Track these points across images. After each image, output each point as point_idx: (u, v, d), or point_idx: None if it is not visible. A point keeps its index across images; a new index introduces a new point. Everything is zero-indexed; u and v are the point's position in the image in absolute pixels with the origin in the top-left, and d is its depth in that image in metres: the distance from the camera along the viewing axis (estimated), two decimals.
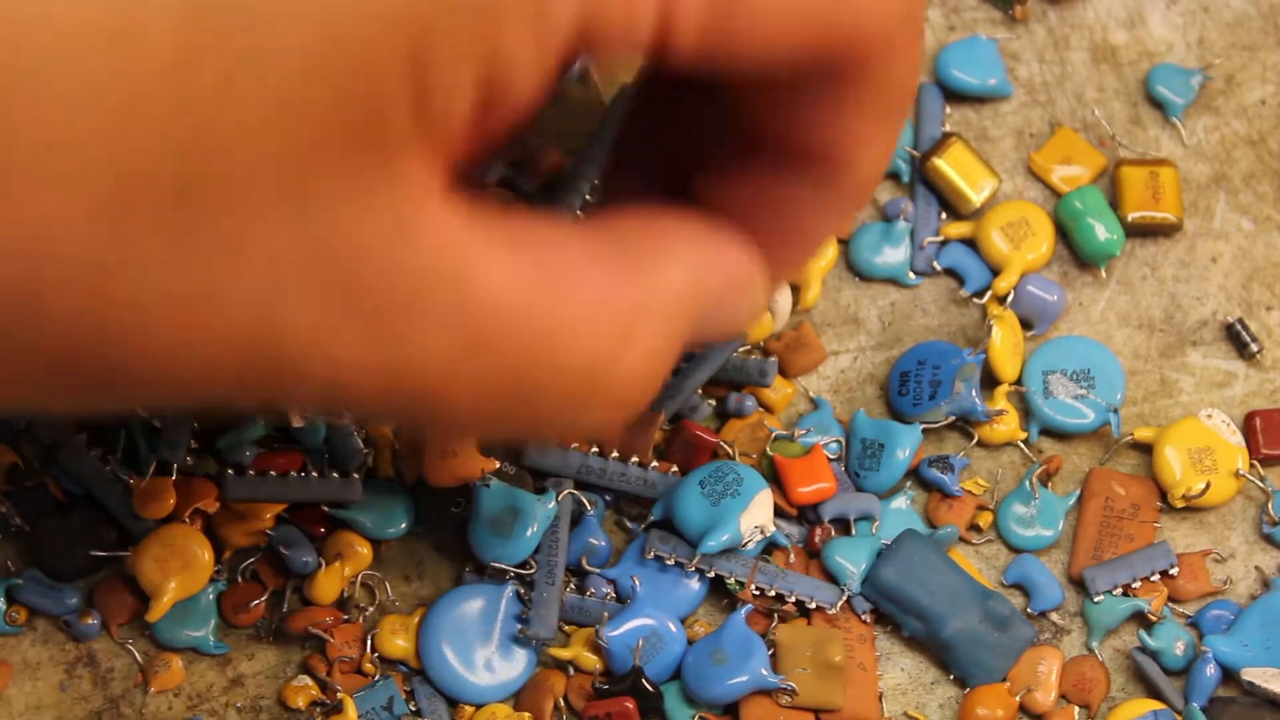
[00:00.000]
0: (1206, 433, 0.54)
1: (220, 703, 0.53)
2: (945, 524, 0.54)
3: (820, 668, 0.51)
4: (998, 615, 0.51)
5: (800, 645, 0.51)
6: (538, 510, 0.52)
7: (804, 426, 0.55)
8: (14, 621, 0.53)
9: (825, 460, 0.53)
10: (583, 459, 0.53)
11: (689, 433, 0.54)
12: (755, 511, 0.52)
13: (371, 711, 0.51)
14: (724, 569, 0.52)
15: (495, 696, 0.52)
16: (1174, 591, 0.54)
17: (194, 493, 0.53)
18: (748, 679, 0.51)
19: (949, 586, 0.52)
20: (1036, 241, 0.56)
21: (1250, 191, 0.58)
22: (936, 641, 0.52)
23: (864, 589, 0.52)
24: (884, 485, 0.54)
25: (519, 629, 0.52)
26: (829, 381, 0.56)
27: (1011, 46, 0.59)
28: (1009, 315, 0.55)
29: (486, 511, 0.52)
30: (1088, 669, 0.53)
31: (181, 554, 0.52)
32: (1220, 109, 0.59)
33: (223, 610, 0.53)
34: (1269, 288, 0.57)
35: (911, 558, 0.52)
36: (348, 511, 0.53)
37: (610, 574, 0.53)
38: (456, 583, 0.54)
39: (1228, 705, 0.52)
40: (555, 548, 0.52)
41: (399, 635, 0.52)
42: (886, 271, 0.57)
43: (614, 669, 0.51)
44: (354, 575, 0.53)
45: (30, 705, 0.53)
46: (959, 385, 0.54)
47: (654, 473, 0.53)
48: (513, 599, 0.52)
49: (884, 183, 0.58)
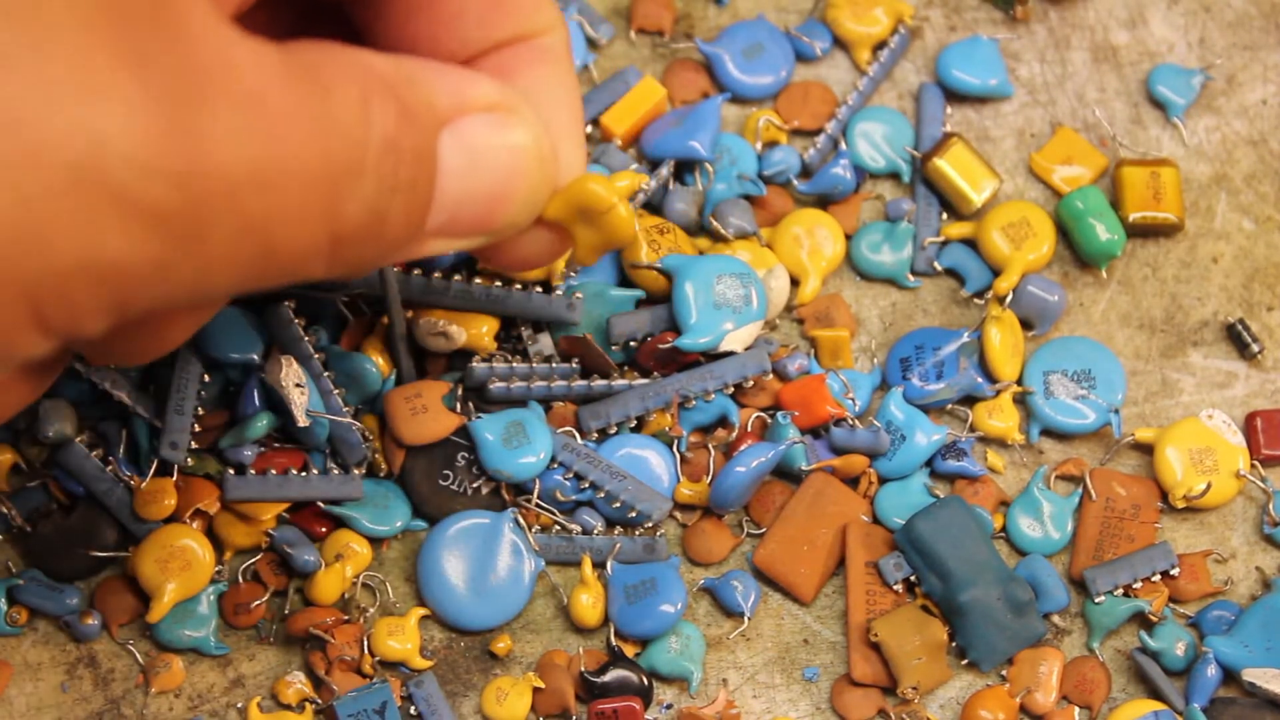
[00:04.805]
0: (1207, 433, 0.54)
1: (221, 703, 0.53)
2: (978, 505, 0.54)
3: (931, 651, 0.52)
4: (1016, 599, 0.52)
5: (907, 636, 0.52)
6: (537, 411, 0.53)
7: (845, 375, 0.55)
8: (15, 622, 0.53)
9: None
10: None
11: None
12: (742, 333, 0.53)
13: (361, 713, 0.51)
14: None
15: (495, 621, 0.53)
16: (1175, 592, 0.54)
17: (194, 493, 0.53)
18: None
19: (977, 556, 0.52)
20: (1037, 242, 0.56)
21: (1251, 191, 0.58)
22: (951, 605, 0.52)
23: (897, 536, 0.53)
24: (897, 471, 0.54)
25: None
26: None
27: (1012, 47, 0.59)
28: (1009, 316, 0.55)
29: (493, 436, 0.53)
30: (1088, 670, 0.53)
31: (182, 555, 0.52)
32: (1221, 109, 0.59)
33: (223, 611, 0.53)
34: (1270, 288, 0.57)
35: (951, 518, 0.52)
36: (346, 509, 0.53)
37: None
38: None
39: (1228, 706, 0.52)
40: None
41: (394, 637, 0.52)
42: (887, 271, 0.57)
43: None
44: (355, 576, 0.53)
45: (31, 706, 0.53)
46: (964, 362, 0.55)
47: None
48: (514, 524, 0.53)
49: (886, 182, 0.58)
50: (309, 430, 0.53)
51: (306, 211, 0.35)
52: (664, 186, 0.56)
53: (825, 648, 0.53)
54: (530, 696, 0.52)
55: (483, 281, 0.54)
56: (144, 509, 0.53)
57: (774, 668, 0.53)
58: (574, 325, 0.55)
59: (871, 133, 0.58)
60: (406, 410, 0.53)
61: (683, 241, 0.55)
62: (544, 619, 0.54)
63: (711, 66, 0.59)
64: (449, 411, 0.53)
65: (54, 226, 0.32)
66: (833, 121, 0.58)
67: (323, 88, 0.36)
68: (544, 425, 0.53)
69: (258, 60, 0.35)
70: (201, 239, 0.34)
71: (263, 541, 0.54)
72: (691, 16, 0.60)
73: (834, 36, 0.59)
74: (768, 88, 0.59)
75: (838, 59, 0.60)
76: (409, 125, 0.37)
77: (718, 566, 0.54)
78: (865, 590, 0.53)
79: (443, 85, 0.39)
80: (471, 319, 0.54)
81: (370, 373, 0.54)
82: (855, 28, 0.59)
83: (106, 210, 0.33)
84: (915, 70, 0.59)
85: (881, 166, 0.58)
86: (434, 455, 0.54)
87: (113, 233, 0.33)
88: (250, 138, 0.34)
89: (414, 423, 0.53)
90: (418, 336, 0.54)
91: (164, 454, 0.53)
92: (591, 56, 0.59)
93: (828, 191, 0.57)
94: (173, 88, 0.33)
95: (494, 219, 0.40)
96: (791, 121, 0.59)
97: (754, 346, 0.54)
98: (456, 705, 0.53)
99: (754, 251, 0.56)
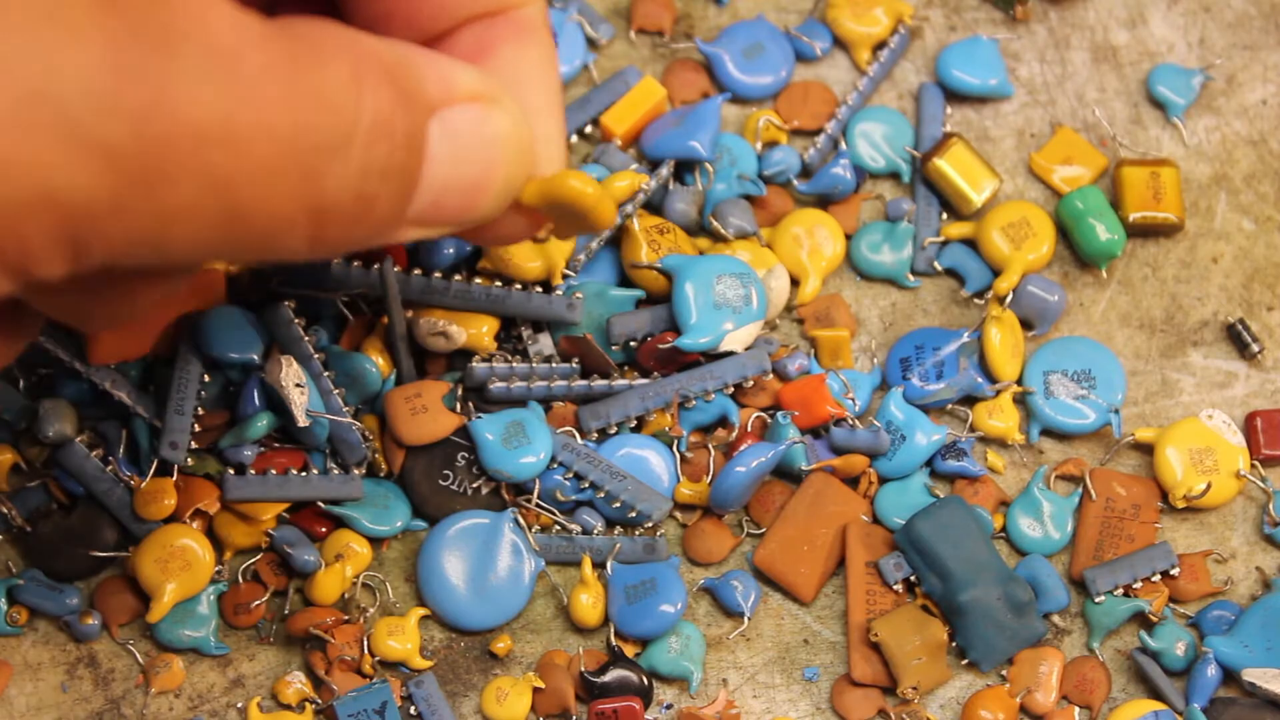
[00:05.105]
0: (1207, 433, 0.54)
1: (221, 703, 0.53)
2: (979, 506, 0.54)
3: (931, 651, 0.52)
4: (1016, 599, 0.52)
5: (907, 636, 0.52)
6: (537, 411, 0.53)
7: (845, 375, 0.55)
8: (15, 622, 0.53)
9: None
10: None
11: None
12: (743, 334, 0.53)
13: (361, 713, 0.51)
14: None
15: (495, 621, 0.53)
16: (1175, 592, 0.54)
17: (194, 493, 0.53)
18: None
19: (977, 556, 0.52)
20: (1037, 242, 0.56)
21: (1251, 191, 0.58)
22: (951, 605, 0.52)
23: (897, 536, 0.53)
24: (897, 471, 0.54)
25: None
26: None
27: (1012, 47, 0.59)
28: (1009, 316, 0.55)
29: (493, 436, 0.53)
30: (1088, 670, 0.53)
31: (182, 555, 0.52)
32: (1221, 109, 0.59)
33: (223, 611, 0.53)
34: (1270, 288, 0.57)
35: (951, 518, 0.52)
36: (346, 509, 0.53)
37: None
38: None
39: (1229, 706, 0.52)
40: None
41: (394, 637, 0.52)
42: (887, 271, 0.57)
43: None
44: (355, 576, 0.53)
45: (31, 706, 0.53)
46: (964, 362, 0.55)
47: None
48: (514, 524, 0.53)
49: (886, 182, 0.58)
50: (309, 430, 0.53)
51: (281, 179, 0.35)
52: (664, 186, 0.56)
53: (825, 648, 0.53)
54: (530, 696, 0.52)
55: (483, 281, 0.54)
56: (144, 509, 0.53)
57: (774, 668, 0.53)
58: (574, 325, 0.55)
59: (871, 133, 0.58)
60: (406, 410, 0.53)
61: (683, 241, 0.55)
62: (544, 619, 0.54)
63: (711, 66, 0.59)
64: (449, 411, 0.53)
65: (5, 153, 0.32)
66: (833, 121, 0.58)
67: (313, 60, 0.36)
68: (544, 425, 0.53)
69: (236, 22, 0.35)
70: (160, 186, 0.34)
71: (263, 541, 0.54)
72: (691, 16, 0.60)
73: (834, 36, 0.59)
74: (768, 88, 0.59)
75: (838, 59, 0.60)
76: (403, 109, 0.37)
77: (718, 566, 0.54)
78: (865, 590, 0.53)
79: (433, 72, 0.39)
80: (471, 319, 0.54)
81: (370, 373, 0.54)
82: (855, 28, 0.59)
83: (60, 141, 0.33)
84: (915, 70, 0.60)
85: (881, 166, 0.58)
86: (434, 455, 0.54)
87: (66, 166, 0.33)
88: (220, 93, 0.34)
89: (414, 423, 0.53)
90: (418, 336, 0.54)
91: (164, 454, 0.53)
92: (591, 56, 0.59)
93: (828, 191, 0.57)
94: (141, 32, 0.33)
95: (472, 209, 0.40)
96: (791, 121, 0.59)
97: (754, 346, 0.54)
98: (456, 705, 0.53)
99: (754, 251, 0.56)
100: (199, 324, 0.53)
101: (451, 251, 0.55)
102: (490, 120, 0.40)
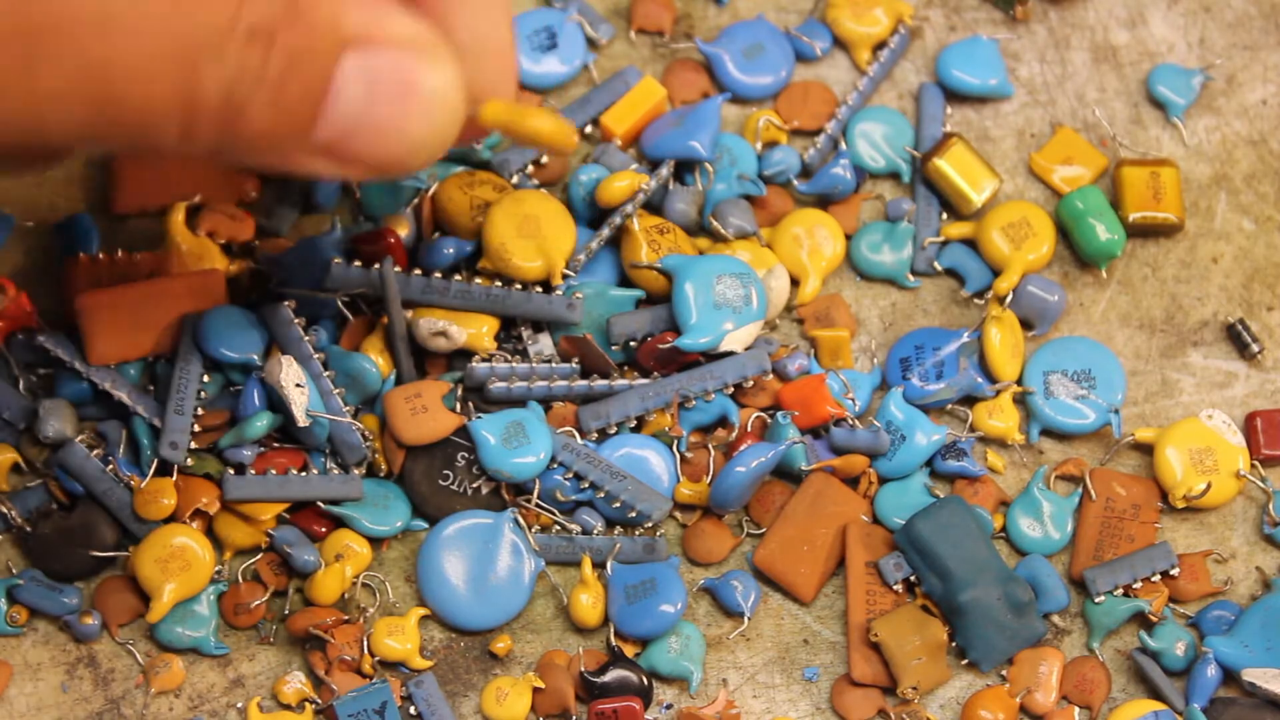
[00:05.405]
0: (1207, 433, 0.54)
1: (221, 703, 0.53)
2: (979, 506, 0.54)
3: (931, 651, 0.52)
4: (1016, 599, 0.52)
5: (907, 636, 0.52)
6: (537, 411, 0.53)
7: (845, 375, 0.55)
8: (15, 622, 0.53)
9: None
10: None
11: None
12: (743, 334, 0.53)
13: (361, 713, 0.51)
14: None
15: (495, 621, 0.53)
16: (1175, 592, 0.54)
17: (194, 493, 0.53)
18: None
19: (977, 556, 0.52)
20: (1037, 242, 0.56)
21: (1251, 191, 0.58)
22: (951, 605, 0.52)
23: (897, 536, 0.53)
24: (897, 471, 0.54)
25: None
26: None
27: (1012, 47, 0.59)
28: (1009, 316, 0.55)
29: (493, 436, 0.53)
30: (1089, 670, 0.53)
31: (182, 555, 0.52)
32: (1221, 109, 0.59)
33: (223, 611, 0.53)
34: (1270, 288, 0.57)
35: (951, 518, 0.52)
36: (346, 509, 0.53)
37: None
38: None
39: (1229, 706, 0.52)
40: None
41: (394, 637, 0.52)
42: (887, 271, 0.57)
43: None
44: (355, 576, 0.53)
45: (31, 706, 0.53)
46: (964, 362, 0.55)
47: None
48: (514, 524, 0.53)
49: (886, 182, 0.58)
50: (309, 430, 0.53)
51: (155, 71, 0.36)
52: (664, 186, 0.56)
53: (825, 648, 0.53)
54: (530, 696, 0.52)
55: (483, 281, 0.54)
56: (144, 509, 0.53)
57: (774, 668, 0.53)
58: (574, 325, 0.55)
59: (871, 133, 0.58)
60: (406, 410, 0.53)
61: (683, 241, 0.55)
62: (544, 619, 0.54)
63: (711, 66, 0.59)
64: (449, 411, 0.54)
65: None
66: (833, 121, 0.58)
67: None
68: (544, 425, 0.53)
69: None
70: (37, 68, 0.35)
71: (263, 541, 0.54)
72: (691, 16, 0.60)
73: (834, 36, 0.59)
74: (768, 88, 0.59)
75: (838, 59, 0.60)
76: (292, 25, 0.38)
77: (718, 566, 0.54)
78: (865, 590, 0.53)
79: (358, 9, 0.39)
80: (471, 319, 0.54)
81: (370, 373, 0.54)
82: (855, 28, 0.59)
83: None
84: (915, 70, 0.60)
85: (881, 166, 0.58)
86: (434, 455, 0.54)
87: None
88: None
89: (414, 423, 0.53)
90: (418, 336, 0.54)
91: (164, 454, 0.53)
92: (591, 56, 0.59)
93: (828, 191, 0.57)
94: None
95: (388, 155, 0.41)
96: (791, 121, 0.59)
97: (754, 346, 0.54)
98: (456, 705, 0.53)
99: (754, 251, 0.56)
100: (199, 324, 0.53)
101: (451, 251, 0.55)
102: (416, 71, 0.40)
